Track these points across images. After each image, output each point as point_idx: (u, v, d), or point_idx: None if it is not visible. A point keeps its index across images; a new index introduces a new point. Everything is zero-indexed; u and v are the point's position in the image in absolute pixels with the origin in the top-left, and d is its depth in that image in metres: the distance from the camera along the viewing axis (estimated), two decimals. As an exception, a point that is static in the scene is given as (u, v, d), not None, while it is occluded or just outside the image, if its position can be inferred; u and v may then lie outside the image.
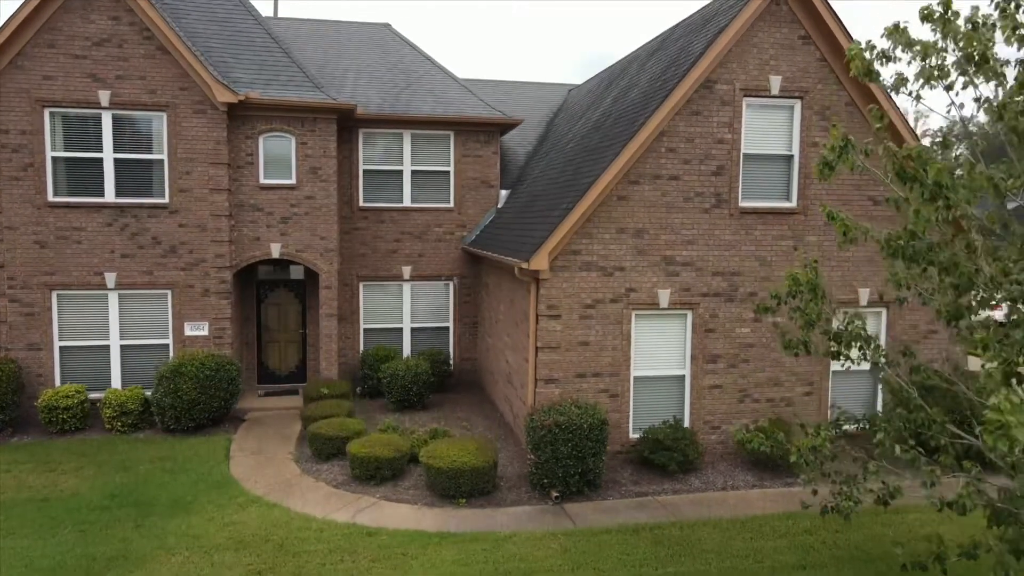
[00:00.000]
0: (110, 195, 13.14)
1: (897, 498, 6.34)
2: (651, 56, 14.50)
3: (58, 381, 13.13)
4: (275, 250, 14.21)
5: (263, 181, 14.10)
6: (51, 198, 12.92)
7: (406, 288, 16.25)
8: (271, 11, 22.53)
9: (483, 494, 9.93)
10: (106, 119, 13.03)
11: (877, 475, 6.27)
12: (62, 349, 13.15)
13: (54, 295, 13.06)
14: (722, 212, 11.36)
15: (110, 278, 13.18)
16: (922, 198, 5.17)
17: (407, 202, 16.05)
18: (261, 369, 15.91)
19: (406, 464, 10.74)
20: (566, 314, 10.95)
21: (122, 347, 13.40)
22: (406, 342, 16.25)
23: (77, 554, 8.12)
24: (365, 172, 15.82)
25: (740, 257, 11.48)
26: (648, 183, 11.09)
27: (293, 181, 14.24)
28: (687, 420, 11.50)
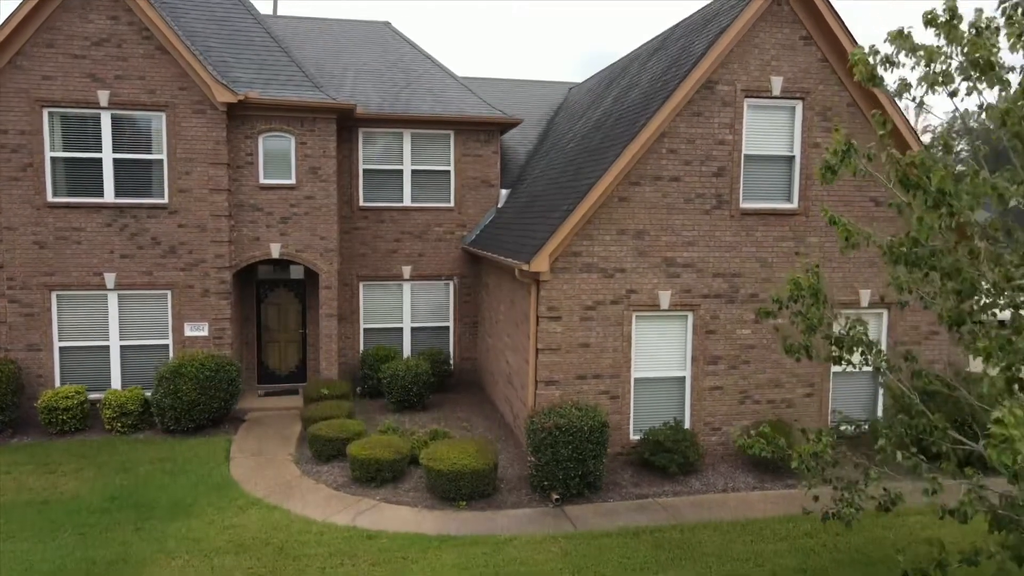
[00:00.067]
0: (109, 195, 13.11)
1: (899, 505, 6.33)
2: (652, 56, 14.45)
3: (58, 382, 13.12)
4: (275, 250, 14.19)
5: (263, 181, 14.07)
6: (50, 198, 12.89)
7: (406, 288, 16.23)
8: (270, 9, 22.46)
9: (483, 496, 9.93)
10: (105, 119, 12.99)
11: (878, 481, 6.25)
12: (62, 350, 13.14)
13: (54, 296, 13.04)
14: (723, 213, 11.33)
15: (110, 278, 13.15)
16: (925, 205, 5.14)
17: (407, 202, 16.02)
18: (261, 369, 15.89)
19: (407, 466, 10.73)
20: (567, 316, 10.92)
21: (122, 348, 13.39)
22: (406, 342, 16.23)
23: (77, 557, 8.11)
24: (365, 171, 15.78)
25: (741, 258, 11.45)
26: (649, 184, 11.06)
27: (293, 181, 14.21)
28: (688, 422, 11.49)
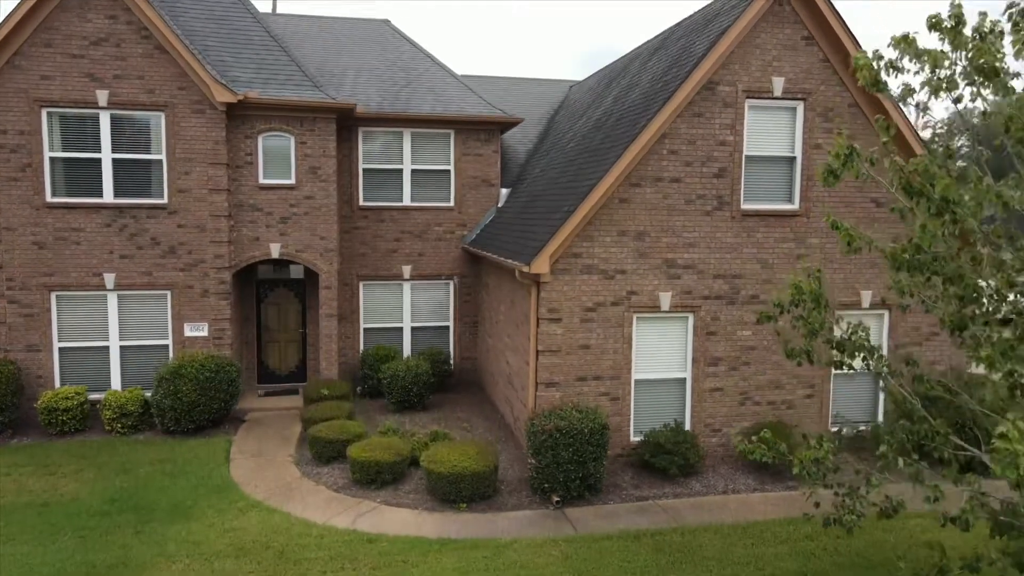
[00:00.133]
0: (109, 196, 13.07)
1: (900, 512, 6.31)
2: (652, 55, 14.40)
3: (58, 382, 13.10)
4: (275, 250, 14.15)
5: (262, 181, 14.03)
6: (49, 199, 12.85)
7: (406, 287, 16.20)
8: (269, 8, 22.34)
9: (484, 498, 9.92)
10: (104, 119, 12.95)
11: (880, 488, 6.24)
12: (61, 350, 13.11)
13: (53, 296, 13.01)
14: (724, 214, 11.30)
15: (109, 279, 13.12)
16: (928, 213, 5.12)
17: (407, 201, 15.98)
18: (261, 368, 15.88)
19: (407, 467, 10.72)
20: (567, 317, 10.90)
21: (122, 348, 13.36)
22: (406, 341, 16.22)
23: (77, 561, 8.11)
24: (365, 171, 15.73)
25: (742, 260, 11.42)
26: (650, 185, 11.03)
27: (292, 181, 14.17)
28: (688, 423, 11.47)
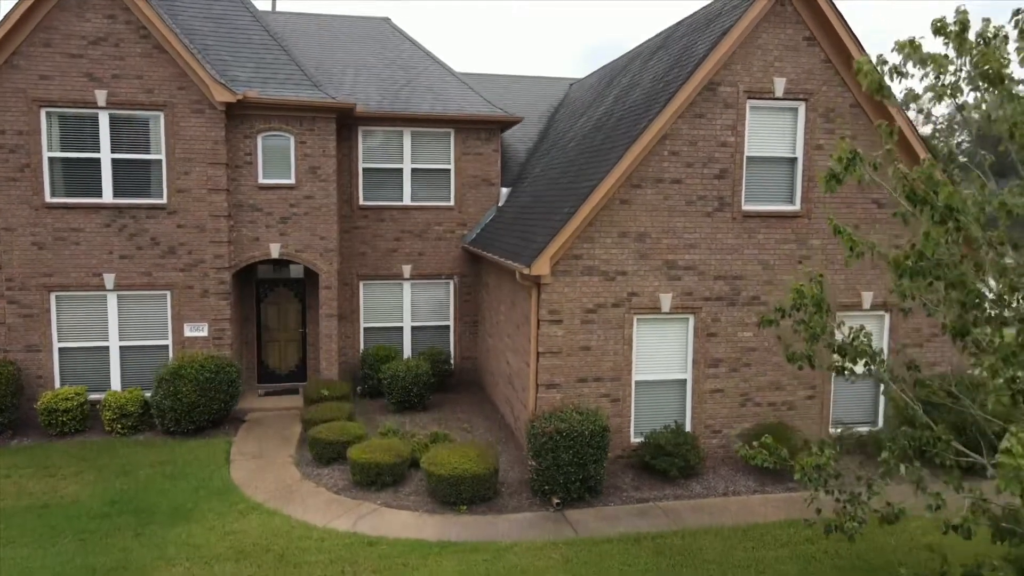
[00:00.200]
0: (108, 196, 13.04)
1: (901, 519, 6.30)
2: (653, 54, 14.34)
3: (57, 383, 13.08)
4: (274, 250, 14.13)
5: (262, 181, 13.99)
6: (48, 199, 12.82)
7: (406, 287, 16.18)
8: (269, 6, 22.30)
9: (484, 500, 9.91)
10: (103, 119, 12.90)
11: (881, 495, 6.23)
12: (61, 351, 13.10)
13: (52, 296, 12.98)
14: (725, 216, 11.27)
15: (109, 279, 13.10)
16: (932, 220, 5.09)
17: (407, 200, 15.94)
18: (261, 368, 15.86)
19: (407, 469, 10.71)
20: (567, 319, 10.88)
21: (121, 348, 13.34)
22: (406, 341, 16.20)
23: (77, 564, 8.10)
24: (365, 170, 15.69)
25: (743, 261, 11.40)
26: (651, 187, 11.00)
27: (292, 181, 14.13)
28: (688, 424, 11.46)
